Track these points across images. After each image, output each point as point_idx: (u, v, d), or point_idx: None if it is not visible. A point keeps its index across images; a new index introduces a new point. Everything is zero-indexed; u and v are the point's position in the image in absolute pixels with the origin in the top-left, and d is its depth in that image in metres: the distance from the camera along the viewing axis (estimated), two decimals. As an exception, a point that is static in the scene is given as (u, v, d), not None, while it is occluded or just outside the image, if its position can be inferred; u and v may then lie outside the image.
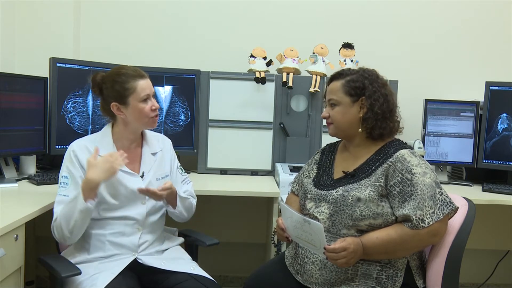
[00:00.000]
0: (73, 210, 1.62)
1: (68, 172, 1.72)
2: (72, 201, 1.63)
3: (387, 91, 1.69)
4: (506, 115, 2.68)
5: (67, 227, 1.64)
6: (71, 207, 1.63)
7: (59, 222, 1.64)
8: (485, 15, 3.07)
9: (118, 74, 1.76)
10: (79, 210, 1.61)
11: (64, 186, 1.70)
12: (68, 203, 1.64)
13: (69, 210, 1.63)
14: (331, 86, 1.74)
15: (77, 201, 1.61)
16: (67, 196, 1.68)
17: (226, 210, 2.98)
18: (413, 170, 1.56)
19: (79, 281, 1.64)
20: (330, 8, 3.05)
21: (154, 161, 1.86)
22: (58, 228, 1.65)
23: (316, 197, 1.70)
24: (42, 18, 2.82)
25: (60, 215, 1.64)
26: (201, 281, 1.71)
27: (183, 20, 3.02)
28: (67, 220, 1.63)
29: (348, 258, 1.51)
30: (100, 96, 1.80)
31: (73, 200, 1.63)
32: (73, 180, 1.71)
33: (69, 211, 1.63)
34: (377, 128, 1.67)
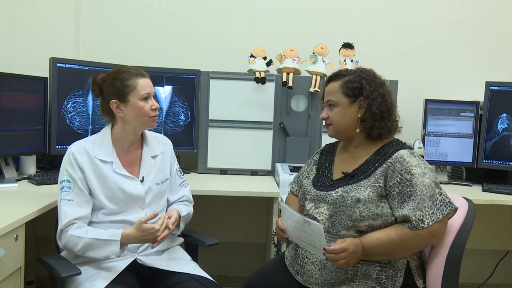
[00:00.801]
0: (100, 248, 1.63)
1: (69, 176, 1.70)
2: (104, 242, 1.63)
3: (384, 91, 1.69)
4: (506, 115, 2.68)
5: (84, 253, 1.64)
6: (101, 245, 1.63)
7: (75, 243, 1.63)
8: (485, 15, 3.07)
9: (119, 72, 1.76)
10: (106, 254, 1.63)
11: (67, 190, 1.68)
12: (100, 240, 1.62)
13: (96, 245, 1.63)
14: (329, 87, 1.73)
15: (110, 246, 1.62)
16: (71, 201, 1.67)
17: (226, 210, 2.98)
18: (412, 170, 1.56)
19: (79, 281, 1.64)
20: (330, 8, 3.05)
21: (154, 165, 1.84)
22: (70, 244, 1.64)
23: (315, 198, 1.70)
24: (42, 18, 2.82)
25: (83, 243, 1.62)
26: (201, 281, 1.71)
27: (183, 20, 3.02)
28: (88, 250, 1.63)
29: (348, 259, 1.51)
30: (100, 95, 1.79)
31: (107, 242, 1.63)
32: (75, 184, 1.69)
33: (96, 246, 1.63)
34: (376, 128, 1.66)
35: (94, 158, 1.72)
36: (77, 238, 1.63)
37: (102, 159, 1.74)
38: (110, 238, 1.63)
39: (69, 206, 1.66)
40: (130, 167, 1.78)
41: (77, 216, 1.66)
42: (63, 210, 1.66)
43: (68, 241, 1.64)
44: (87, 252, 1.64)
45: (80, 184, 1.69)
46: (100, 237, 1.64)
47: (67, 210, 1.66)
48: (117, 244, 1.63)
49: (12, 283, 1.63)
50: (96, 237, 1.64)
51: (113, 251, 1.63)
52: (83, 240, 1.63)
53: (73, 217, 1.65)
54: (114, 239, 1.63)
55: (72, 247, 1.64)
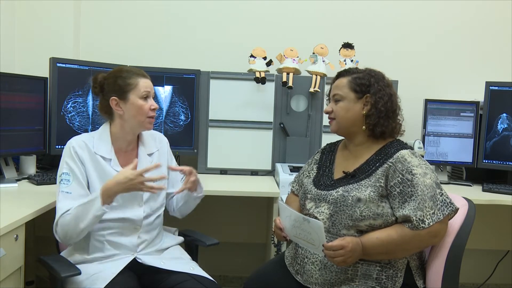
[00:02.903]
0: (86, 212, 1.61)
1: (69, 168, 1.70)
2: (87, 204, 1.62)
3: (392, 92, 1.71)
4: (506, 115, 2.68)
5: (75, 228, 1.62)
6: (85, 209, 1.61)
7: (67, 221, 1.62)
8: (485, 15, 3.07)
9: (121, 70, 1.78)
10: (94, 214, 1.61)
11: (66, 183, 1.68)
12: (83, 205, 1.61)
13: (82, 212, 1.61)
14: (337, 82, 1.75)
15: (93, 205, 1.61)
16: (70, 193, 1.66)
17: (226, 210, 2.98)
18: (413, 170, 1.56)
19: (79, 281, 1.64)
20: (330, 8, 3.05)
21: (150, 163, 1.84)
22: (64, 227, 1.63)
23: (316, 197, 1.70)
24: (42, 18, 2.82)
25: (71, 215, 1.61)
26: (201, 281, 1.71)
27: (183, 20, 3.02)
28: (77, 221, 1.61)
29: (345, 257, 1.51)
30: (100, 94, 1.79)
31: (89, 202, 1.62)
32: (75, 176, 1.69)
33: (82, 213, 1.61)
34: (380, 126, 1.67)
35: (94, 153, 1.73)
36: (66, 215, 1.62)
37: (102, 155, 1.75)
38: (91, 198, 1.63)
39: (66, 199, 1.66)
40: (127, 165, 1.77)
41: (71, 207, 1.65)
42: (61, 201, 1.66)
43: (60, 226, 1.63)
44: (78, 224, 1.61)
45: (79, 177, 1.69)
46: (82, 202, 1.62)
47: (63, 203, 1.65)
48: (98, 200, 1.61)
49: (12, 283, 1.63)
50: (79, 204, 1.62)
51: (97, 208, 1.61)
52: (70, 215, 1.62)
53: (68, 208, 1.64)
54: (94, 197, 1.62)
55: (64, 229, 1.62)
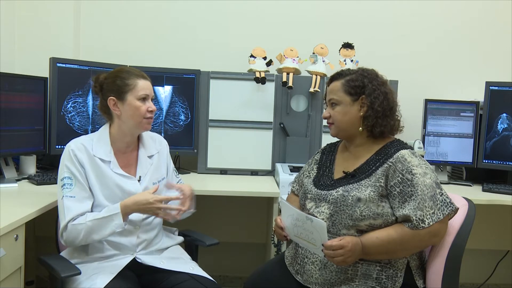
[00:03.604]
0: (104, 227, 1.63)
1: (70, 172, 1.69)
2: (106, 219, 1.63)
3: (386, 89, 1.70)
4: (506, 115, 2.68)
5: (87, 239, 1.64)
6: (103, 223, 1.63)
7: (79, 231, 1.62)
8: (485, 15, 3.07)
9: (121, 71, 1.78)
10: (112, 229, 1.63)
11: (69, 187, 1.67)
12: (100, 219, 1.63)
13: (99, 225, 1.63)
14: (331, 86, 1.74)
15: (113, 220, 1.63)
16: (74, 197, 1.66)
17: (226, 210, 2.98)
18: (413, 170, 1.56)
19: (79, 281, 1.64)
20: (330, 8, 3.05)
21: (150, 164, 1.85)
22: (75, 235, 1.63)
23: (316, 197, 1.70)
24: (42, 18, 2.82)
25: (86, 227, 1.62)
26: (201, 281, 1.71)
27: (183, 20, 3.02)
28: (91, 233, 1.63)
29: (345, 256, 1.51)
30: (100, 93, 1.79)
31: (108, 218, 1.63)
32: (77, 179, 1.69)
33: (98, 226, 1.63)
34: (378, 126, 1.67)
35: (93, 156, 1.73)
36: (78, 225, 1.62)
37: (101, 158, 1.74)
38: (111, 213, 1.64)
39: (71, 202, 1.66)
40: (126, 167, 1.79)
41: (80, 211, 1.66)
42: (66, 206, 1.65)
43: (70, 233, 1.63)
44: (91, 236, 1.63)
45: (81, 180, 1.69)
46: (100, 216, 1.64)
47: (70, 206, 1.65)
48: (118, 217, 1.63)
49: (12, 283, 1.62)
50: (96, 217, 1.63)
51: (117, 225, 1.63)
52: (84, 225, 1.62)
53: (76, 213, 1.64)
54: (114, 212, 1.64)
55: (75, 237, 1.63)
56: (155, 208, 1.66)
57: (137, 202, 1.66)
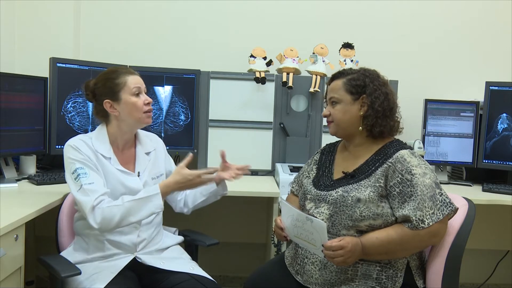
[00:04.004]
0: (142, 208, 1.62)
1: (80, 163, 1.67)
2: (145, 199, 1.63)
3: (387, 90, 1.70)
4: (506, 115, 2.68)
5: (123, 221, 1.61)
6: (140, 204, 1.62)
7: (114, 213, 1.59)
8: (485, 15, 3.07)
9: (108, 72, 1.78)
10: (151, 210, 1.64)
11: (84, 176, 1.64)
12: (138, 200, 1.62)
13: (136, 206, 1.62)
14: (332, 85, 1.75)
15: (152, 201, 1.63)
16: (93, 183, 1.64)
17: (226, 210, 2.97)
18: (413, 170, 1.56)
19: (79, 281, 1.64)
20: (330, 8, 3.05)
21: (148, 161, 1.86)
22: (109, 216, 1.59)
23: (315, 198, 1.70)
24: (42, 18, 2.82)
25: (122, 208, 1.60)
26: (201, 281, 1.71)
27: (183, 20, 3.02)
28: (128, 215, 1.61)
29: (345, 257, 1.51)
30: (93, 99, 1.80)
31: (147, 198, 1.63)
32: (89, 167, 1.67)
33: (136, 207, 1.62)
34: (378, 126, 1.67)
35: (96, 151, 1.73)
36: (115, 207, 1.61)
37: (102, 154, 1.74)
38: (150, 194, 1.64)
39: (92, 187, 1.63)
40: (125, 164, 1.79)
41: (104, 191, 1.65)
42: (88, 189, 1.62)
43: (105, 214, 1.60)
44: (128, 217, 1.62)
45: (93, 167, 1.68)
46: (139, 197, 1.64)
47: (92, 189, 1.62)
48: (158, 197, 1.64)
49: (12, 283, 1.63)
50: (134, 198, 1.63)
51: (156, 205, 1.64)
52: (121, 207, 1.61)
53: (101, 192, 1.63)
54: (154, 193, 1.64)
55: (110, 219, 1.60)
56: (196, 183, 1.70)
57: (177, 181, 1.68)
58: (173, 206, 1.98)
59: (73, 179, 1.66)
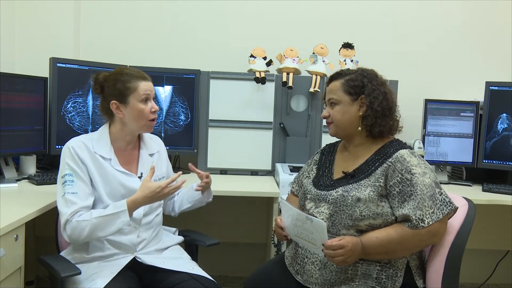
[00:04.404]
0: (110, 224, 1.63)
1: (71, 169, 1.69)
2: (112, 216, 1.63)
3: (386, 90, 1.70)
4: (506, 115, 2.68)
5: (91, 236, 1.63)
6: (108, 220, 1.62)
7: (83, 227, 1.61)
8: (485, 15, 3.07)
9: (121, 73, 1.77)
10: (118, 227, 1.64)
11: (70, 184, 1.66)
12: (106, 216, 1.63)
13: (104, 222, 1.62)
14: (330, 86, 1.75)
15: (119, 218, 1.63)
16: (76, 193, 1.65)
17: (226, 210, 2.98)
18: (412, 170, 1.56)
19: (79, 281, 1.64)
20: (330, 8, 3.05)
21: (151, 162, 1.86)
22: (78, 230, 1.61)
23: (315, 198, 1.70)
24: (42, 18, 2.83)
25: (90, 224, 1.61)
26: (201, 281, 1.71)
27: (183, 20, 3.02)
28: (96, 230, 1.62)
29: (345, 256, 1.51)
30: (100, 94, 1.80)
31: (114, 215, 1.63)
32: (78, 176, 1.68)
33: (104, 223, 1.62)
34: (377, 126, 1.67)
35: (94, 153, 1.73)
36: (82, 222, 1.62)
37: (102, 155, 1.74)
38: (117, 210, 1.64)
39: (73, 197, 1.65)
40: (127, 165, 1.79)
41: (82, 205, 1.65)
42: (69, 200, 1.64)
43: (74, 229, 1.62)
44: (96, 233, 1.63)
45: (83, 177, 1.69)
46: (106, 213, 1.64)
47: (72, 200, 1.64)
48: (125, 214, 1.64)
49: (12, 283, 1.63)
50: (101, 214, 1.63)
51: (123, 222, 1.64)
52: (89, 222, 1.61)
53: (78, 206, 1.64)
54: (121, 209, 1.64)
55: (79, 233, 1.62)
56: (163, 194, 1.69)
57: (145, 196, 1.67)
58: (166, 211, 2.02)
59: (61, 183, 1.69)
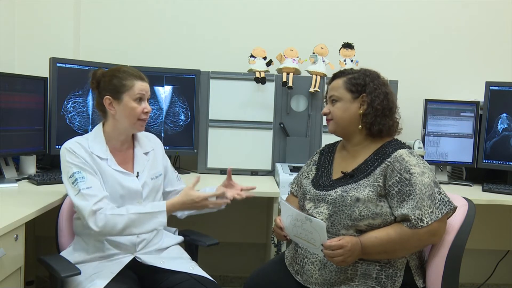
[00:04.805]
0: (146, 222, 1.64)
1: (77, 167, 1.67)
2: (150, 214, 1.65)
3: (387, 90, 1.71)
4: (506, 115, 2.68)
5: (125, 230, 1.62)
6: (145, 218, 1.64)
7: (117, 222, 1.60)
8: (485, 15, 3.07)
9: (119, 70, 1.77)
10: (154, 227, 1.67)
11: (82, 180, 1.64)
12: (143, 214, 1.64)
13: (140, 220, 1.63)
14: (333, 84, 1.76)
15: (157, 218, 1.65)
16: (91, 187, 1.64)
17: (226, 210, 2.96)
18: (411, 169, 1.57)
19: (79, 281, 1.64)
20: (330, 8, 3.05)
21: (147, 161, 1.86)
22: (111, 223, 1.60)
23: (315, 198, 1.70)
24: (42, 18, 2.83)
25: (126, 218, 1.61)
26: (201, 281, 1.71)
27: (183, 20, 3.02)
28: (133, 226, 1.63)
29: (345, 256, 1.51)
30: (96, 90, 1.79)
31: (152, 214, 1.65)
32: (86, 171, 1.67)
33: (140, 221, 1.63)
34: (377, 124, 1.67)
35: (91, 153, 1.73)
36: (118, 216, 1.61)
37: (98, 155, 1.74)
38: (156, 210, 1.66)
39: (91, 191, 1.63)
40: (123, 164, 1.79)
41: (103, 195, 1.64)
42: (87, 194, 1.62)
43: (107, 221, 1.60)
44: (131, 228, 1.63)
45: (90, 171, 1.68)
46: (144, 211, 1.65)
47: (90, 194, 1.62)
48: (163, 215, 1.66)
49: (12, 283, 1.63)
50: (139, 211, 1.64)
51: (160, 223, 1.66)
52: (125, 217, 1.61)
53: (100, 197, 1.62)
54: (160, 210, 1.66)
55: (112, 226, 1.61)
56: (202, 206, 1.72)
57: (184, 202, 1.70)
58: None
59: (71, 183, 1.66)
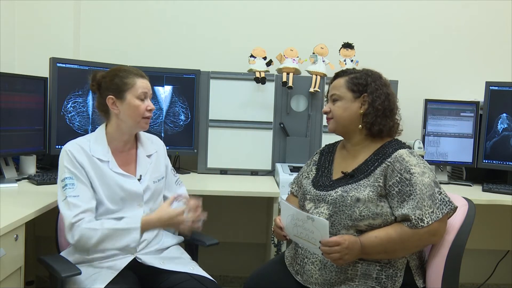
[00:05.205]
0: (119, 238, 1.64)
1: (71, 172, 1.68)
2: (124, 231, 1.64)
3: (389, 91, 1.72)
4: (506, 115, 2.68)
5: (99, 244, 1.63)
6: (118, 234, 1.63)
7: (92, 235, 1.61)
8: (485, 15, 3.07)
9: (120, 69, 1.78)
10: (127, 243, 1.65)
11: (71, 187, 1.66)
12: (117, 230, 1.64)
13: (114, 235, 1.63)
14: (334, 83, 1.76)
15: (130, 234, 1.64)
16: (78, 196, 1.65)
17: (226, 210, 2.98)
18: (411, 170, 1.57)
19: (79, 281, 1.64)
20: (330, 8, 3.05)
21: (149, 164, 1.85)
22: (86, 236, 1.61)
23: (315, 198, 1.70)
24: (42, 18, 2.83)
25: (100, 233, 1.61)
26: (201, 281, 1.71)
27: (183, 20, 3.02)
28: (106, 240, 1.63)
29: (342, 253, 1.51)
30: (97, 91, 1.79)
31: (126, 230, 1.64)
32: (78, 179, 1.68)
33: (114, 236, 1.63)
34: (377, 124, 1.68)
35: (92, 156, 1.72)
36: (92, 230, 1.62)
37: (99, 158, 1.74)
38: (130, 226, 1.65)
39: (76, 200, 1.64)
40: (125, 166, 1.79)
41: (85, 208, 1.65)
42: (71, 203, 1.63)
43: (82, 234, 1.61)
44: (104, 243, 1.63)
45: (83, 179, 1.69)
46: (118, 227, 1.64)
47: (75, 203, 1.63)
48: (137, 231, 1.64)
49: (12, 283, 1.63)
50: (113, 227, 1.64)
51: (134, 239, 1.65)
52: (99, 231, 1.62)
53: (83, 209, 1.63)
54: (134, 226, 1.64)
55: (86, 240, 1.62)
56: (178, 222, 1.70)
57: (160, 219, 1.69)
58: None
59: (61, 187, 1.68)
